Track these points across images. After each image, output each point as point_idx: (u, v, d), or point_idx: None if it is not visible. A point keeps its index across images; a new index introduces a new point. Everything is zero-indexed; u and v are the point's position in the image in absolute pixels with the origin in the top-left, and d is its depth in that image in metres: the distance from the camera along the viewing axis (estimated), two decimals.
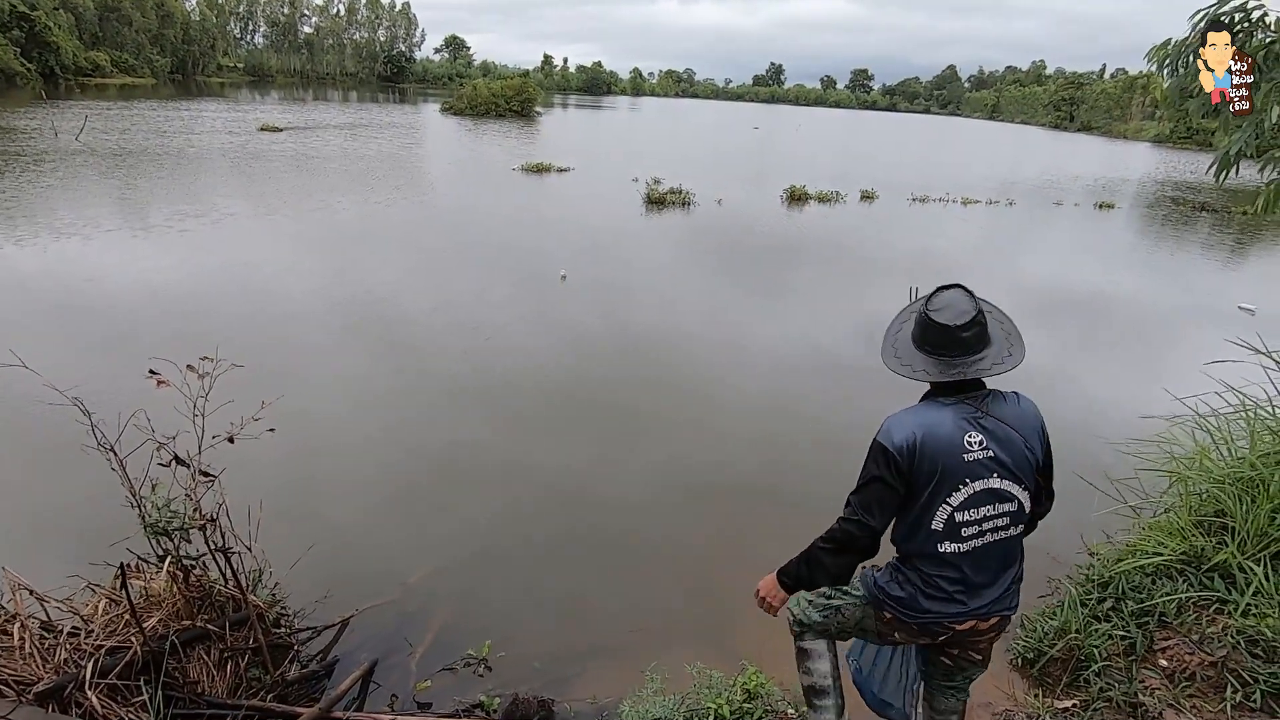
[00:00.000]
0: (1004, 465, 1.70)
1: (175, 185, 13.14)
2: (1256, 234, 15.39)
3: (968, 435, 1.69)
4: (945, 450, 1.67)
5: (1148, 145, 54.51)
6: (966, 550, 1.72)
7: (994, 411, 1.73)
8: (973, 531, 1.71)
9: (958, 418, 1.70)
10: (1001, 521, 1.73)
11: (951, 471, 1.67)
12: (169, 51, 65.25)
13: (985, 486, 1.69)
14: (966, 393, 1.75)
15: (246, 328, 6.39)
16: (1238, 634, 2.67)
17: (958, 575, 1.74)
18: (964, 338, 1.72)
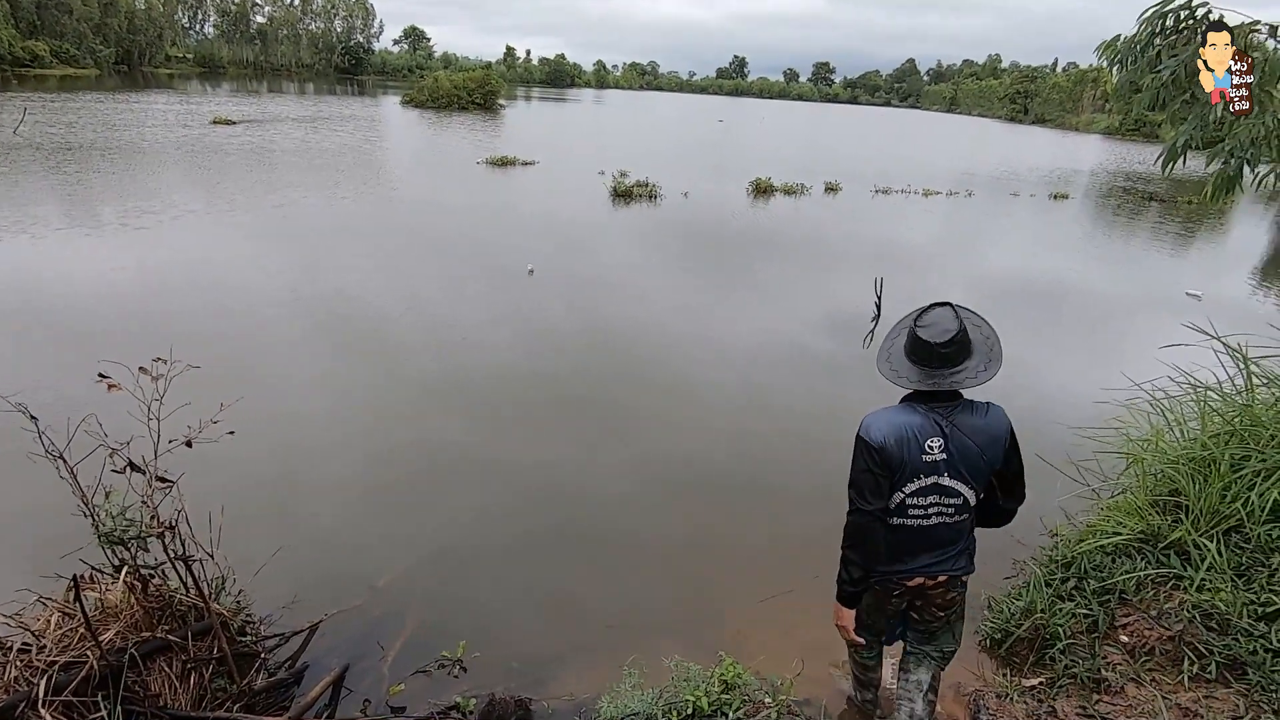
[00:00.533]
0: (954, 468, 2.01)
1: (126, 181, 12.65)
2: (1200, 223, 15.99)
3: (930, 440, 1.99)
4: (910, 449, 1.98)
5: (1098, 137, 56.19)
6: (913, 526, 2.07)
7: (959, 422, 2.02)
8: (918, 514, 2.06)
9: (926, 423, 2.00)
10: (947, 510, 2.06)
11: (912, 467, 1.99)
12: (113, 41, 62.72)
13: (934, 482, 2.02)
14: (941, 400, 2.03)
15: (205, 328, 6.19)
16: (1193, 608, 2.77)
17: (905, 543, 2.10)
18: (944, 353, 1.99)
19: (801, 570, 3.46)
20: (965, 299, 6.69)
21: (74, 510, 2.26)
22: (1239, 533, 3.01)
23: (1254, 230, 16.74)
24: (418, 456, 4.37)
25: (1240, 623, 2.61)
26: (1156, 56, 2.84)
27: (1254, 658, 2.49)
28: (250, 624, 2.76)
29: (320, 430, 4.65)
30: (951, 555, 2.14)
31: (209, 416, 2.53)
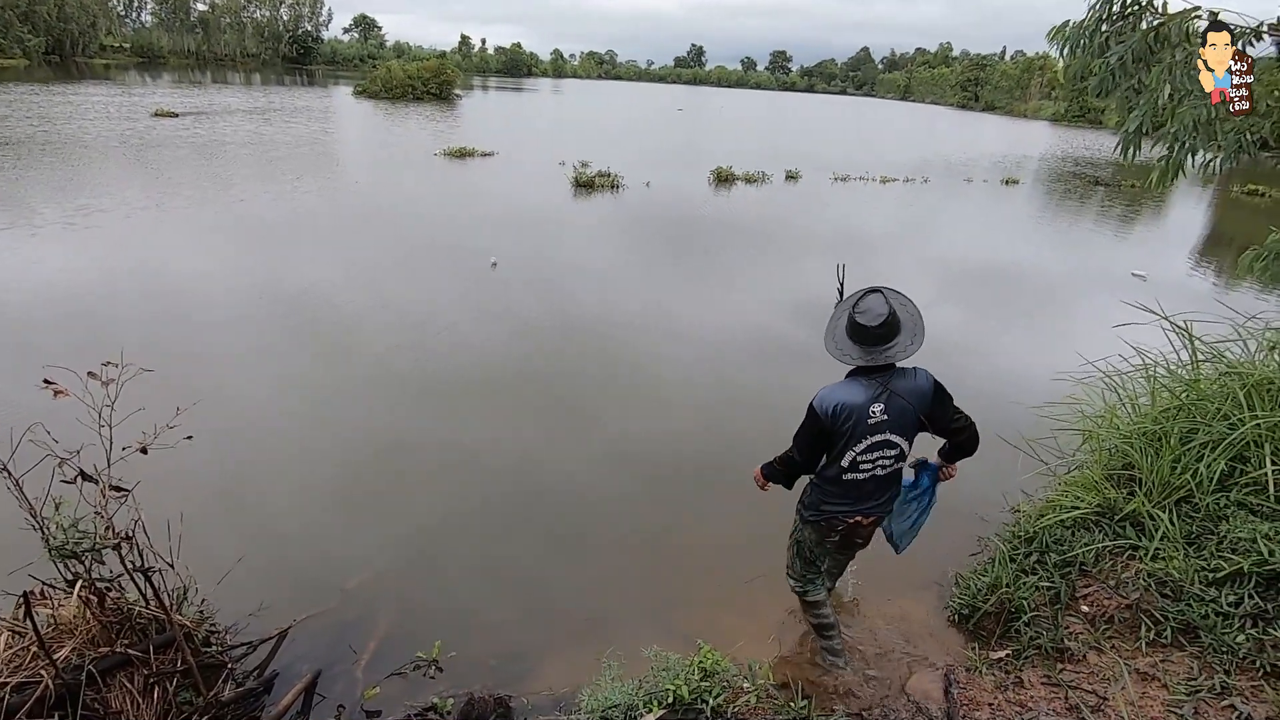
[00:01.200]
0: (894, 425, 2.44)
1: (70, 177, 12.05)
2: (1142, 206, 16.60)
3: (873, 406, 2.41)
4: (857, 416, 2.41)
5: (1045, 123, 57.80)
6: (862, 478, 2.52)
7: (895, 387, 2.43)
8: (867, 467, 2.50)
9: (868, 392, 2.42)
10: (886, 461, 2.50)
11: (859, 429, 2.43)
12: (42, 30, 59.52)
13: (880, 438, 2.45)
14: (879, 372, 2.44)
15: (159, 329, 5.95)
16: (1149, 577, 2.88)
17: (851, 492, 2.56)
18: (879, 333, 2.39)
19: (775, 553, 3.49)
20: (924, 282, 6.88)
21: (22, 524, 2.15)
22: (1189, 503, 3.14)
23: (1192, 212, 17.46)
24: (384, 454, 4.29)
25: (1192, 588, 2.73)
26: (1105, 42, 2.91)
27: (1205, 621, 2.60)
28: (216, 634, 2.67)
29: (283, 431, 4.52)
30: (885, 500, 2.64)
31: (165, 422, 2.44)
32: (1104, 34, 2.96)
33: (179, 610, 2.59)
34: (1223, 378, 3.61)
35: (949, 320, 7.56)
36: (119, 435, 2.30)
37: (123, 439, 2.31)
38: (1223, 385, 3.52)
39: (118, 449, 2.31)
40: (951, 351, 6.64)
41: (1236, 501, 2.99)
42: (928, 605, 3.25)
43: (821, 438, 2.47)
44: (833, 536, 2.68)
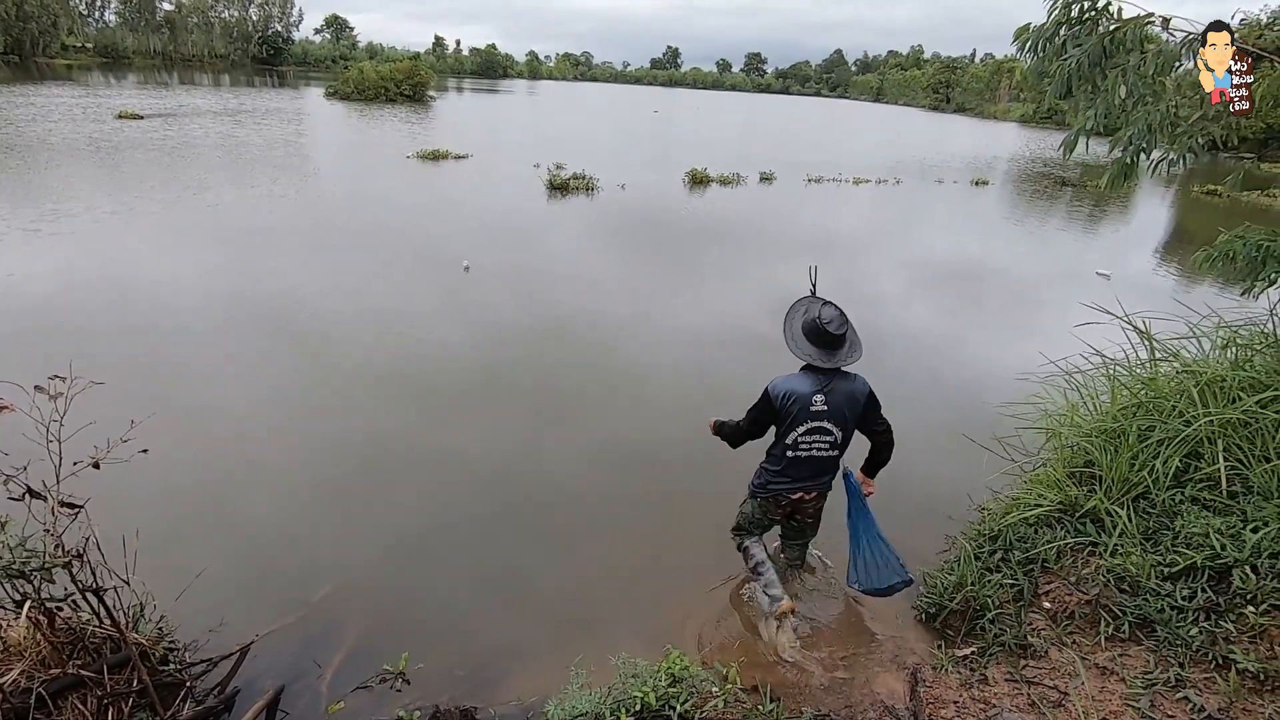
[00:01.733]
0: (831, 415, 2.90)
1: (31, 182, 11.72)
2: (1108, 206, 16.98)
3: (815, 396, 2.88)
4: (802, 404, 2.88)
5: (1014, 125, 58.87)
6: (803, 457, 2.97)
7: (835, 386, 2.90)
8: (805, 448, 2.95)
9: (815, 386, 2.88)
10: (823, 445, 2.95)
11: (802, 414, 2.89)
12: (0, 30, 57.97)
13: (817, 425, 2.91)
14: (825, 372, 2.89)
15: (122, 338, 5.81)
16: (1108, 573, 2.94)
17: (792, 470, 3.01)
18: (835, 341, 2.87)
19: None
20: (893, 283, 6.94)
21: None
22: (1146, 499, 3.22)
23: (1155, 212, 17.90)
24: (350, 463, 4.22)
25: (1149, 583, 2.79)
26: (1063, 46, 2.97)
27: (1161, 616, 2.66)
28: (174, 651, 2.61)
29: (246, 440, 4.43)
30: (823, 480, 3.10)
31: (119, 435, 2.38)
32: (1062, 38, 3.02)
33: (135, 628, 2.53)
34: (1178, 375, 3.70)
35: (917, 320, 7.67)
36: (77, 450, 2.24)
37: (79, 453, 2.25)
38: (1178, 383, 3.61)
39: (69, 464, 2.25)
40: (919, 351, 6.73)
41: (1190, 497, 3.07)
42: (896, 605, 3.28)
43: (767, 415, 2.98)
44: (776, 513, 3.17)
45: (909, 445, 4.78)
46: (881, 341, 6.96)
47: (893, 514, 3.97)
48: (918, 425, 5.08)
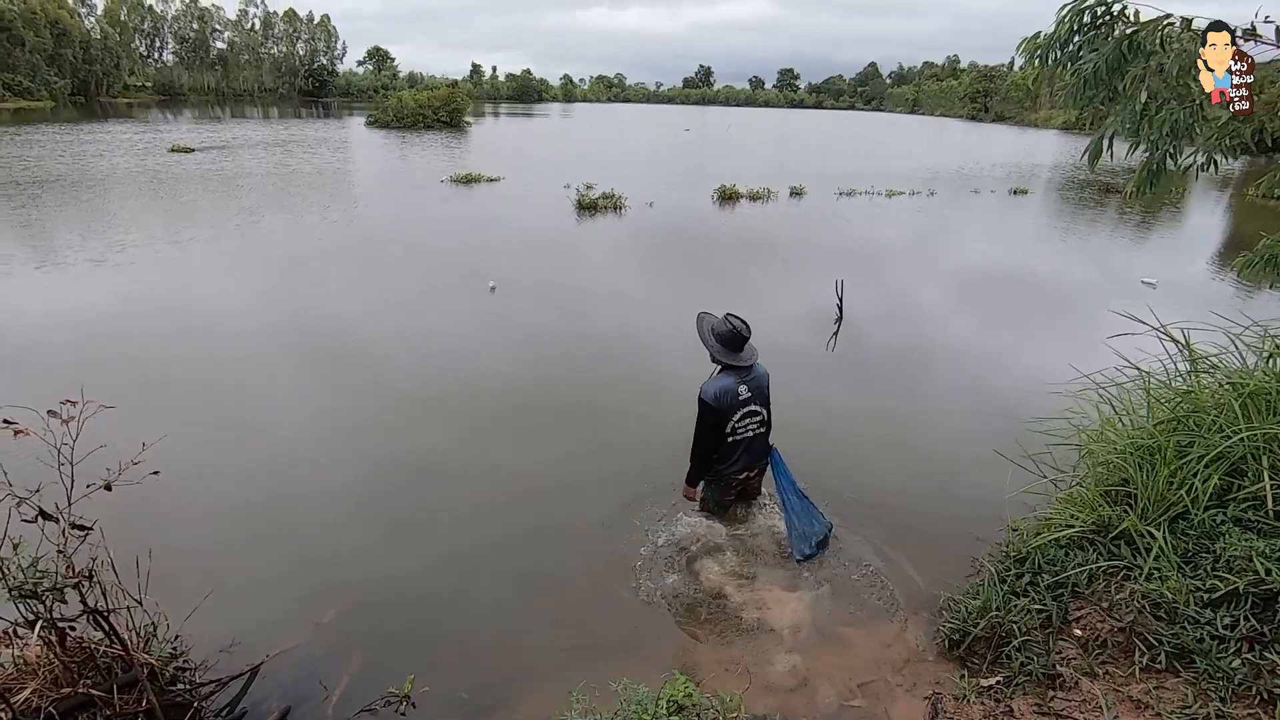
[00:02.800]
0: (754, 399, 3.58)
1: (80, 215, 12.36)
2: (1156, 212, 16.36)
3: (740, 388, 3.54)
4: (732, 395, 3.53)
5: (1056, 132, 57.47)
6: (739, 440, 3.61)
7: (751, 377, 3.60)
8: (742, 431, 3.60)
9: (736, 381, 3.55)
10: (754, 425, 3.62)
11: (735, 404, 3.53)
12: (68, 72, 61.49)
13: (747, 410, 3.57)
14: (741, 367, 3.57)
15: (164, 361, 6.03)
16: (1143, 598, 2.77)
17: (733, 453, 3.63)
18: (745, 342, 3.61)
19: (755, 582, 3.42)
20: (924, 296, 6.75)
21: None
22: (1185, 519, 3.03)
23: (1208, 218, 17.18)
24: (360, 485, 4.24)
25: (1187, 610, 2.62)
26: (1076, 52, 2.87)
27: (1201, 645, 2.49)
28: (184, 671, 2.65)
29: (259, 463, 4.51)
30: (762, 461, 3.75)
31: (138, 454, 2.44)
32: (1076, 44, 2.92)
33: (148, 648, 2.57)
34: (1220, 388, 3.50)
35: (946, 333, 7.46)
36: (91, 471, 2.31)
37: (92, 475, 2.32)
38: (1219, 396, 3.41)
39: (80, 486, 2.31)
40: (948, 364, 6.54)
41: (1233, 518, 2.88)
42: (917, 629, 3.15)
43: (714, 416, 3.50)
44: (730, 494, 3.80)
45: (934, 461, 4.66)
46: (909, 355, 6.79)
47: (917, 534, 3.84)
48: (944, 440, 4.92)
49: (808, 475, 4.43)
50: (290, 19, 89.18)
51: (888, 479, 4.41)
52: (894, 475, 4.45)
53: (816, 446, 4.78)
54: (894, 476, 4.43)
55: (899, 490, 4.29)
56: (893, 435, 5.02)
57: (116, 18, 73.31)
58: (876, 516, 4.01)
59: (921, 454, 4.74)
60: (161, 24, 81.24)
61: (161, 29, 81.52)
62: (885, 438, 4.96)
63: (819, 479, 4.40)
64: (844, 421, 5.17)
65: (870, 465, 4.57)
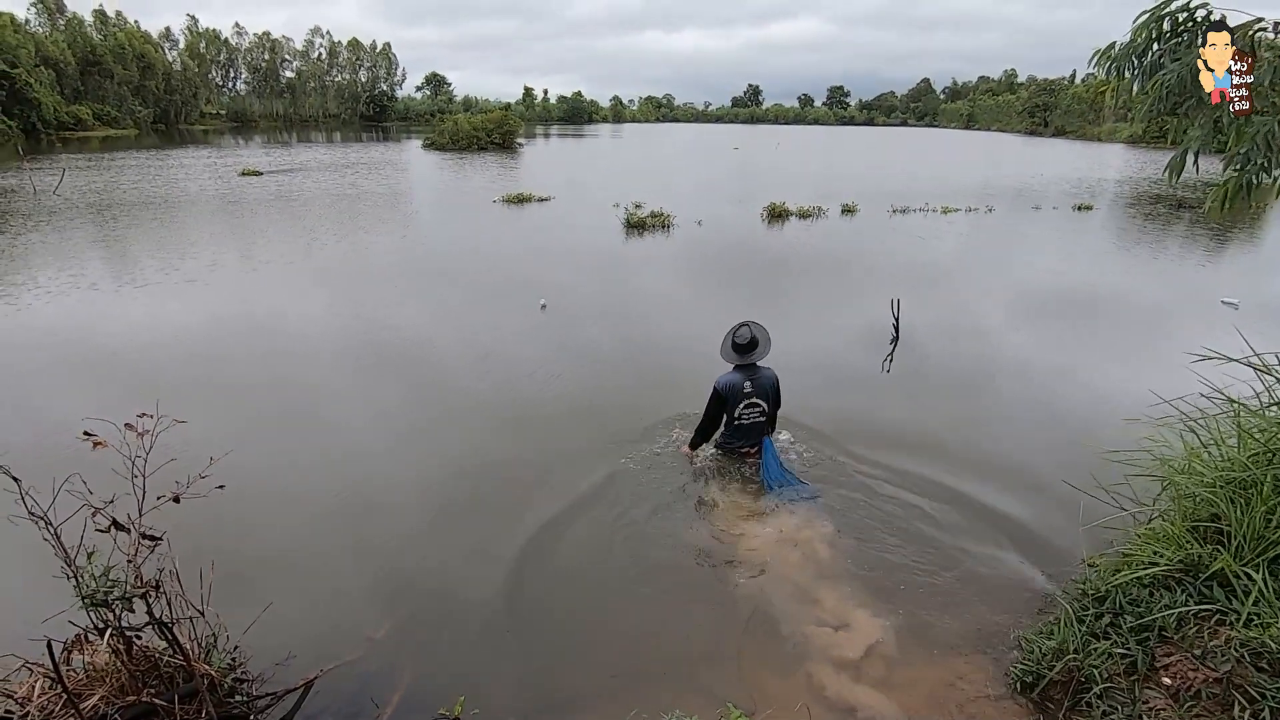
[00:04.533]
0: (756, 394, 4.48)
1: (157, 236, 13.08)
2: (1234, 228, 15.51)
3: (745, 385, 4.47)
4: (736, 390, 4.46)
5: (1122, 146, 55.34)
6: (746, 424, 4.54)
7: (756, 377, 4.49)
8: (746, 417, 4.52)
9: (742, 379, 4.47)
10: (755, 413, 4.52)
11: (738, 396, 4.47)
12: (151, 102, 65.68)
13: (750, 401, 4.47)
14: (747, 368, 4.50)
15: (185, 383, 6.27)
16: (1241, 646, 2.55)
17: (740, 433, 4.56)
18: (746, 348, 4.50)
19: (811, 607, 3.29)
20: (983, 316, 6.52)
21: (56, 572, 2.23)
22: None
23: None
24: (417, 503, 4.28)
25: None
26: (1157, 62, 2.72)
27: None
28: (243, 683, 2.69)
29: (318, 477, 4.59)
30: (757, 440, 4.57)
31: (201, 470, 2.51)
32: (1155, 53, 2.77)
33: (208, 658, 2.62)
34: None
35: (1009, 357, 7.16)
36: (161, 484, 2.38)
37: (162, 486, 2.39)
38: None
39: (151, 498, 2.39)
40: (1011, 389, 6.26)
41: None
42: (985, 669, 2.98)
43: (719, 405, 4.51)
44: (736, 461, 4.62)
45: (1001, 490, 4.44)
46: (970, 378, 6.54)
47: (985, 565, 3.65)
48: (1008, 470, 4.70)
49: (861, 501, 4.29)
50: (354, 48, 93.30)
51: (950, 508, 4.21)
52: (954, 505, 4.25)
53: (871, 471, 4.62)
54: (957, 506, 4.24)
55: (962, 520, 4.09)
56: (954, 462, 4.81)
57: (196, 50, 78.00)
58: (940, 546, 3.84)
59: (984, 484, 4.52)
60: (235, 55, 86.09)
61: (235, 60, 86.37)
62: (947, 464, 4.75)
63: (872, 504, 4.25)
64: (900, 446, 4.98)
65: (932, 493, 4.38)
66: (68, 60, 56.44)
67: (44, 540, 2.24)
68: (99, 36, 62.12)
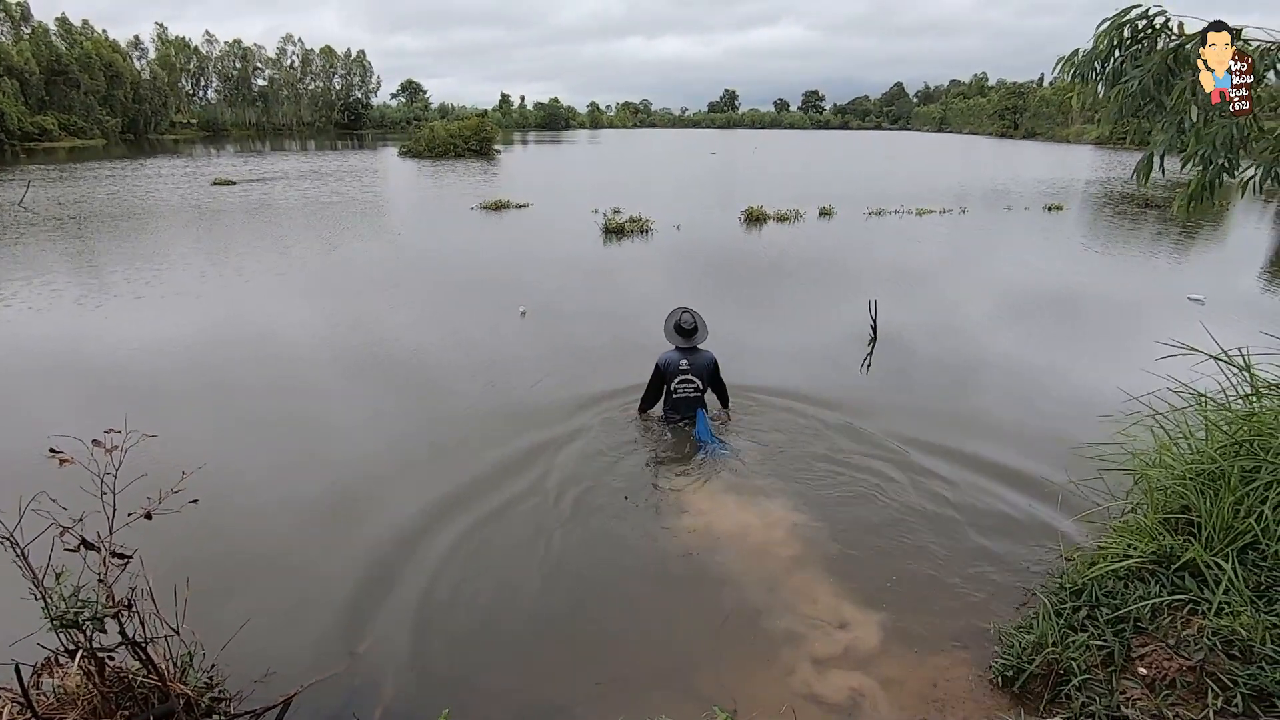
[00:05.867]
0: (691, 371, 5.18)
1: (126, 247, 12.84)
2: (1199, 226, 15.91)
3: (681, 362, 5.18)
4: (673, 367, 5.18)
5: (1090, 147, 56.53)
6: (679, 398, 5.22)
7: (692, 357, 5.21)
8: (680, 391, 5.20)
9: (679, 357, 5.20)
10: (689, 388, 5.20)
11: (674, 370, 5.18)
12: (119, 111, 64.49)
13: (684, 377, 5.17)
14: (687, 348, 5.23)
15: (155, 400, 6.16)
16: (1213, 635, 2.61)
17: (677, 406, 5.23)
18: (689, 331, 5.26)
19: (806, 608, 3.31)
20: (959, 315, 6.61)
21: (24, 594, 2.17)
22: (1255, 549, 2.86)
23: (1255, 230, 16.64)
24: (394, 513, 4.22)
25: (1264, 649, 2.45)
26: (1120, 68, 2.79)
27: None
28: (221, 701, 2.63)
29: (294, 490, 4.52)
30: (693, 413, 5.15)
31: (168, 487, 2.46)
32: (1118, 60, 2.84)
33: (184, 677, 2.56)
34: None
35: (986, 355, 7.27)
36: (132, 501, 2.33)
37: (134, 504, 2.34)
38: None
39: (121, 515, 2.34)
40: (986, 387, 6.36)
41: None
42: (966, 664, 3.01)
43: (658, 378, 5.24)
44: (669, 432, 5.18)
45: (977, 486, 4.50)
46: (946, 377, 6.63)
47: (961, 561, 3.69)
48: (986, 465, 4.76)
49: (837, 496, 4.33)
50: (327, 55, 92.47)
51: (925, 506, 4.26)
52: (932, 502, 4.30)
53: (847, 465, 4.67)
54: (933, 503, 4.29)
55: (939, 518, 4.14)
56: (930, 458, 4.86)
57: (166, 59, 76.79)
58: (917, 543, 3.88)
59: (959, 480, 4.57)
60: (206, 64, 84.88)
61: (206, 68, 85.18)
62: (921, 464, 4.80)
63: (850, 499, 4.29)
64: (876, 443, 5.03)
65: (906, 492, 4.43)
66: (32, 69, 55.27)
67: (11, 562, 2.18)
68: (64, 46, 60.91)
